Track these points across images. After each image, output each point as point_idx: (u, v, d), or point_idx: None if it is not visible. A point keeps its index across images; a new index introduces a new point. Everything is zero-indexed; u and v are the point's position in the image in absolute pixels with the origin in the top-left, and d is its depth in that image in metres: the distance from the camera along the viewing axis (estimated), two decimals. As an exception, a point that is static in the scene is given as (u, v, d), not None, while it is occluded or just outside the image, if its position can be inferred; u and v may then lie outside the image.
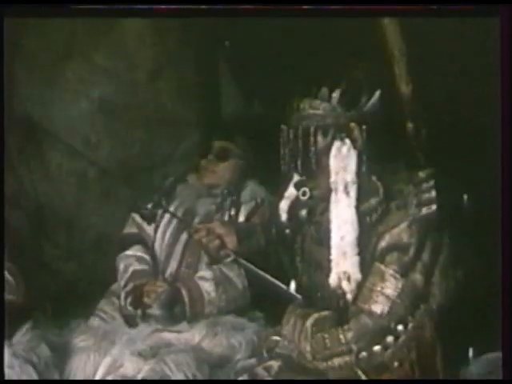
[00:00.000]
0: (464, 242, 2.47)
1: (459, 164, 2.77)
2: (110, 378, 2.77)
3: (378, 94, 2.45)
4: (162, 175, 3.65)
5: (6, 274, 2.96)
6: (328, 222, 2.43)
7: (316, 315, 2.46)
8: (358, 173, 2.39)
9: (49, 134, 3.75)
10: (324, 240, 2.48)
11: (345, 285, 2.41)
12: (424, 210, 2.38)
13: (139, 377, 2.74)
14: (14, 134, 3.53)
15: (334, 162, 2.39)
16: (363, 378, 2.37)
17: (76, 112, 3.73)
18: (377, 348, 2.36)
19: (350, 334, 2.38)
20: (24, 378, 2.70)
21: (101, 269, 3.65)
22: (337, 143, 2.39)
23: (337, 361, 2.39)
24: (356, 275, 2.39)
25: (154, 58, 3.72)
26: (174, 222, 3.32)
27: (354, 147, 2.39)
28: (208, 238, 2.69)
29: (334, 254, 2.40)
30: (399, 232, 2.38)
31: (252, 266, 2.69)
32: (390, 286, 2.36)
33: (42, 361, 2.80)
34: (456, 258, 2.42)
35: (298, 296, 2.58)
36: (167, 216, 3.34)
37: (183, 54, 3.75)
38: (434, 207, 2.37)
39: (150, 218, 3.28)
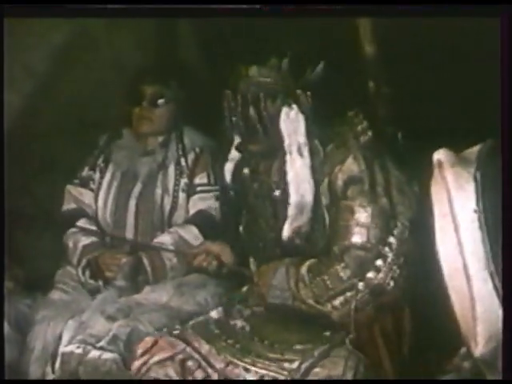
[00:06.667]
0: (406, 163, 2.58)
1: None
2: (79, 338, 2.80)
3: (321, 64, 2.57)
4: (96, 132, 3.51)
5: None
6: (284, 182, 2.56)
7: (307, 262, 2.53)
8: (308, 135, 2.52)
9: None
10: (266, 196, 2.66)
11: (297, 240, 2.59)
12: (362, 139, 2.52)
13: (110, 334, 2.78)
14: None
15: (284, 126, 2.52)
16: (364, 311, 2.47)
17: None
18: (370, 274, 2.46)
19: (348, 270, 2.47)
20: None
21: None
22: (285, 109, 2.51)
23: (339, 299, 2.48)
24: (306, 227, 2.57)
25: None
26: (114, 186, 3.30)
27: (302, 112, 2.52)
28: (207, 261, 2.78)
29: (292, 211, 2.55)
30: (348, 166, 2.50)
31: None
32: (362, 216, 2.47)
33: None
34: (406, 176, 2.54)
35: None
36: (106, 182, 3.31)
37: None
38: (369, 133, 2.53)
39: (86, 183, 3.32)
